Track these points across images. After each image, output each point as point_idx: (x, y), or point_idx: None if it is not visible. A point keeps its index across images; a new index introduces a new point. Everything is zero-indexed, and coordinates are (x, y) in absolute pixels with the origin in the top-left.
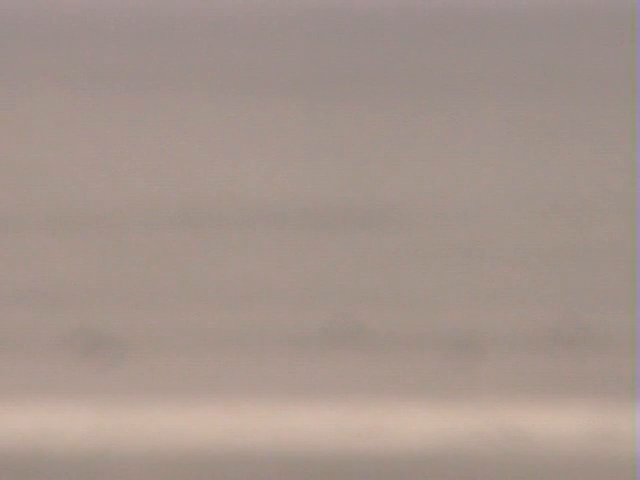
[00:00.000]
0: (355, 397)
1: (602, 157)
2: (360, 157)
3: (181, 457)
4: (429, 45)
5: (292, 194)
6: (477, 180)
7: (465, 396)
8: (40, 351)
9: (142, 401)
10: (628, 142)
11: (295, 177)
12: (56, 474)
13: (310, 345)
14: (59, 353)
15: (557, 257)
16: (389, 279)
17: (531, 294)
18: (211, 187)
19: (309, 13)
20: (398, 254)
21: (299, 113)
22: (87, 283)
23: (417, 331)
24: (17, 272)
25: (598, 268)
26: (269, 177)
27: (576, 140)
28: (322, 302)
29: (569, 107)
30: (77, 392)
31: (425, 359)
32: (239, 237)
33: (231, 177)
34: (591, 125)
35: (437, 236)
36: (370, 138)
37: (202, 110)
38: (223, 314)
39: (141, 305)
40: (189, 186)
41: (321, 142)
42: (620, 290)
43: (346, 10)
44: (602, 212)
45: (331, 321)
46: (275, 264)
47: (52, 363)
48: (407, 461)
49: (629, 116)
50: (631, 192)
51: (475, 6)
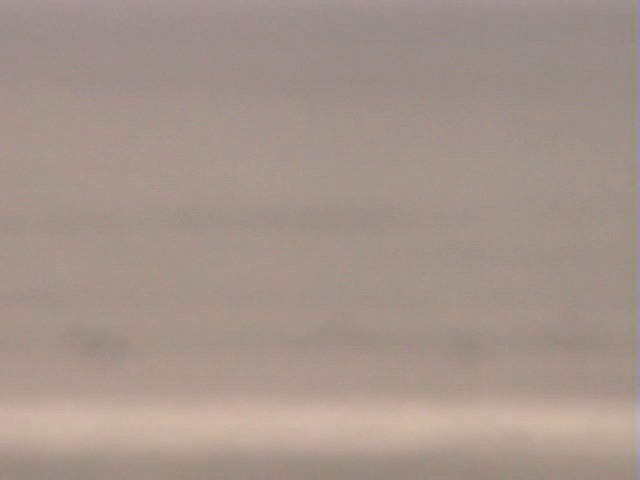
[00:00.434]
0: (355, 397)
1: (602, 157)
2: (360, 157)
3: (181, 457)
4: (429, 45)
5: (292, 194)
6: (477, 180)
7: (465, 396)
8: (40, 351)
9: (142, 401)
10: (628, 142)
11: (295, 177)
12: (56, 474)
13: (310, 345)
14: (59, 353)
15: (557, 257)
16: (389, 279)
17: (531, 294)
18: (211, 187)
19: (309, 13)
20: (398, 254)
21: (299, 113)
22: (87, 283)
23: (417, 331)
24: (17, 272)
25: (598, 268)
26: (269, 177)
27: (576, 140)
28: (322, 302)
29: (569, 107)
30: (77, 392)
31: (425, 359)
32: (239, 237)
33: (231, 177)
34: (591, 125)
35: (437, 236)
36: (370, 138)
37: (202, 110)
38: (223, 314)
39: (141, 305)
40: (189, 186)
41: (321, 142)
42: (620, 290)
43: (346, 10)
44: (602, 212)
45: (331, 321)
46: (275, 264)
47: (52, 363)
48: (407, 461)
49: (629, 116)
50: (631, 192)
51: (475, 6)
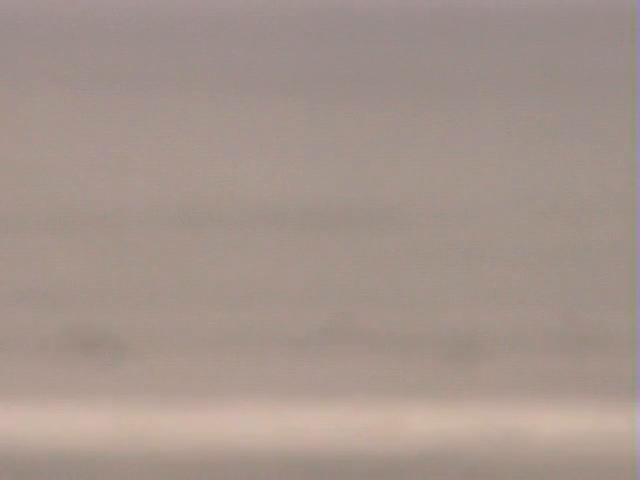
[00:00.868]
0: (355, 397)
1: (602, 157)
2: (360, 157)
3: (181, 457)
4: (429, 45)
5: (292, 194)
6: (477, 180)
7: (465, 396)
8: (40, 351)
9: (142, 401)
10: (628, 142)
11: (295, 177)
12: (56, 474)
13: (310, 345)
14: (59, 353)
15: (557, 257)
16: (389, 279)
17: (531, 294)
18: (211, 187)
19: (309, 13)
20: (398, 254)
21: (299, 113)
22: (87, 283)
23: (417, 331)
24: (17, 272)
25: (598, 268)
26: (269, 177)
27: (576, 140)
28: (322, 302)
29: (569, 107)
30: (77, 392)
31: (425, 359)
32: (239, 237)
33: (231, 177)
34: (591, 125)
35: (437, 236)
36: (370, 138)
37: (202, 110)
38: (223, 314)
39: (141, 305)
40: (189, 186)
41: (321, 142)
42: (620, 290)
43: (346, 10)
44: (602, 212)
45: (331, 321)
46: (275, 264)
47: (52, 363)
48: (407, 461)
49: (629, 116)
50: (631, 192)
51: (475, 6)
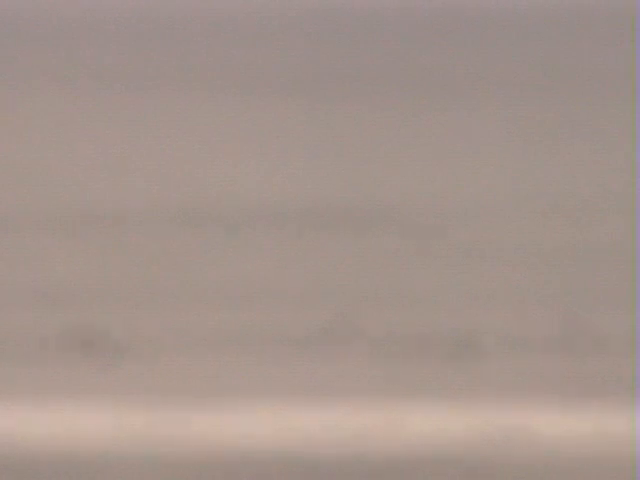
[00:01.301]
0: (355, 397)
1: (602, 157)
2: (360, 157)
3: (181, 457)
4: (429, 45)
5: (292, 194)
6: (477, 180)
7: (465, 396)
8: (40, 351)
9: (142, 401)
10: (628, 142)
11: (295, 177)
12: (56, 474)
13: (310, 345)
14: (59, 353)
15: (557, 257)
16: (389, 279)
17: (531, 294)
18: (211, 187)
19: (309, 13)
20: (398, 254)
21: (299, 113)
22: (87, 283)
23: (417, 331)
24: (17, 272)
25: (598, 268)
26: (269, 177)
27: (576, 140)
28: (322, 302)
29: (569, 107)
30: (77, 392)
31: (425, 359)
32: (239, 237)
33: (231, 177)
34: (591, 125)
35: (437, 236)
36: (370, 138)
37: (202, 110)
38: (223, 314)
39: (141, 305)
40: (189, 186)
41: (321, 142)
42: (620, 290)
43: (346, 10)
44: (602, 212)
45: (331, 321)
46: (275, 264)
47: (52, 363)
48: (407, 461)
49: (629, 116)
50: (631, 192)
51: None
